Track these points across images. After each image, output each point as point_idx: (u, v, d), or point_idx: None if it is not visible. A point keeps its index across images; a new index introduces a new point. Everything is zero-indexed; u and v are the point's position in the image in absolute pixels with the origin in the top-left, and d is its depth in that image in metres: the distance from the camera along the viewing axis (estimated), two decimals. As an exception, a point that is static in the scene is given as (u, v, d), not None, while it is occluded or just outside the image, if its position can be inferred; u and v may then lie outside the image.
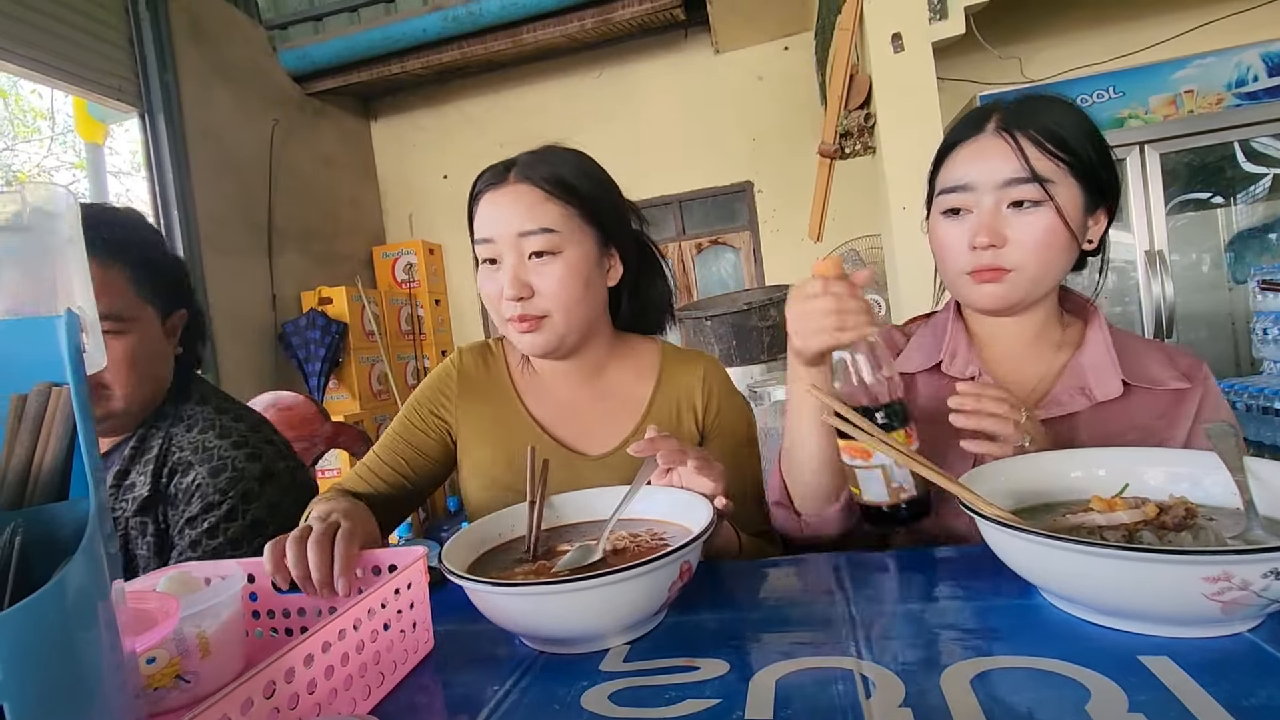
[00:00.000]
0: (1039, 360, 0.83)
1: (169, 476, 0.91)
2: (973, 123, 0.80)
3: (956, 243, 0.79)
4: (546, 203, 0.83)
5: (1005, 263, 0.76)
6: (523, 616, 0.56)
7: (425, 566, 0.59)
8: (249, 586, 0.64)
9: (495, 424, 0.94)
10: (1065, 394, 0.79)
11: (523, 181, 0.84)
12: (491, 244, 0.84)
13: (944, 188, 0.80)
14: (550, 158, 0.87)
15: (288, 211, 3.65)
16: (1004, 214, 0.76)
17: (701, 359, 0.96)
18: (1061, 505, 0.62)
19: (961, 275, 0.79)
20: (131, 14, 2.97)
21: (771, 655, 0.52)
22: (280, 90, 3.76)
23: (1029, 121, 0.76)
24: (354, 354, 3.59)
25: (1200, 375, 0.79)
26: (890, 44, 2.28)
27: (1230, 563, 0.42)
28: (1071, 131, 0.75)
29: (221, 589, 0.56)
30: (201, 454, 0.91)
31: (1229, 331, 3.06)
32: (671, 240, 4.11)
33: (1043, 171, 0.74)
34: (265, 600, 0.65)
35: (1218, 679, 0.42)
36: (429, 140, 4.36)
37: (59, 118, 5.96)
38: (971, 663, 0.47)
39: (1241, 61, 2.70)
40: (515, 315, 0.83)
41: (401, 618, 0.57)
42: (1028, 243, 0.75)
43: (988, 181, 0.76)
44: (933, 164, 0.85)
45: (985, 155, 0.77)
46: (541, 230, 0.82)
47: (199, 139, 3.16)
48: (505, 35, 3.59)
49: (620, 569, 0.52)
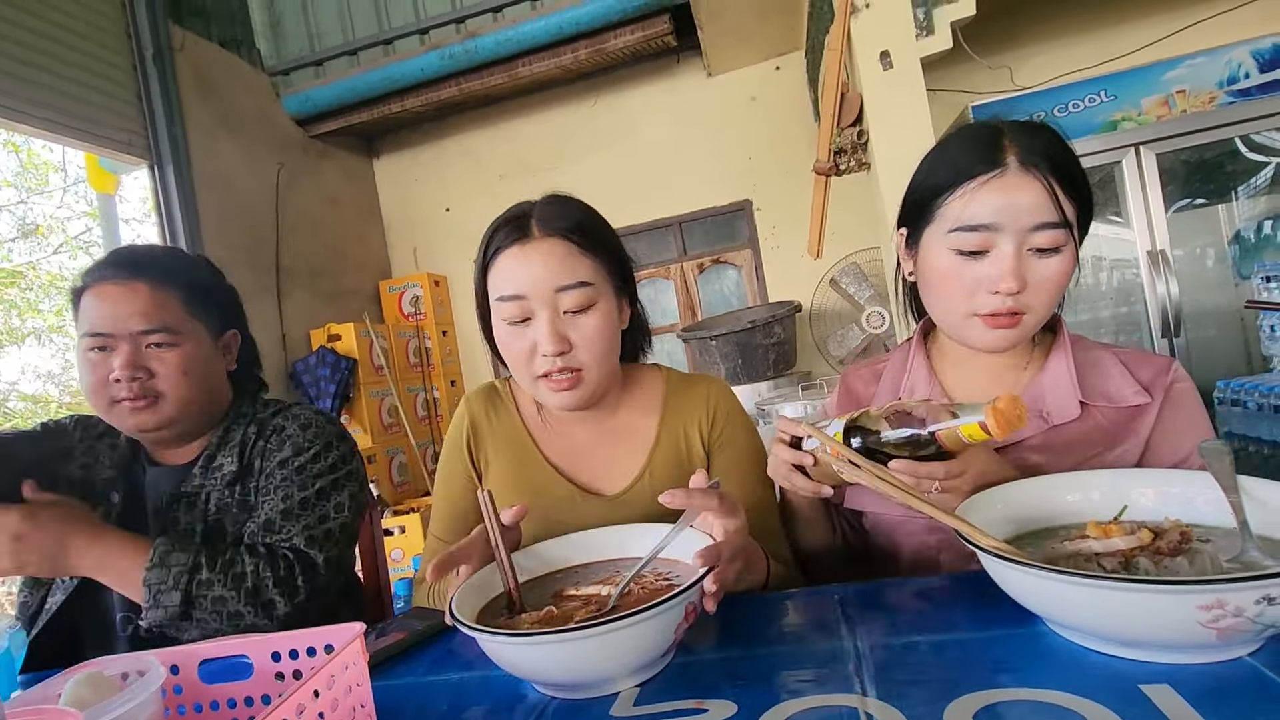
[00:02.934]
0: (1005, 383, 0.83)
1: (261, 441, 1.05)
2: (983, 152, 0.74)
3: (972, 283, 0.74)
4: (581, 256, 0.82)
5: (1021, 306, 0.73)
6: (531, 664, 0.57)
7: (363, 645, 0.55)
8: (172, 679, 0.59)
9: (515, 471, 0.93)
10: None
11: (551, 235, 0.82)
12: (523, 301, 0.81)
13: (964, 224, 0.73)
14: (565, 209, 0.85)
15: (295, 251, 3.71)
16: (1025, 255, 0.72)
17: (705, 381, 0.97)
18: (1060, 529, 0.62)
19: (972, 317, 0.75)
20: (140, 70, 3.05)
21: (778, 694, 0.52)
22: (284, 134, 3.84)
23: (1049, 156, 0.72)
24: (364, 388, 3.62)
25: (1161, 385, 0.77)
26: (879, 62, 2.31)
27: (1223, 591, 0.42)
28: (1078, 168, 0.73)
29: (136, 691, 0.51)
30: (291, 419, 1.07)
31: (1238, 328, 3.04)
32: (673, 261, 4.14)
33: (1069, 214, 0.71)
34: (191, 692, 0.60)
35: (1218, 706, 0.43)
36: (430, 175, 4.44)
37: (70, 169, 6.11)
38: (975, 696, 0.48)
39: (1232, 59, 2.71)
40: (552, 370, 0.81)
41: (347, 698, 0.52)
42: (1045, 287, 0.72)
43: (1015, 224, 0.71)
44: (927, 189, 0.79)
45: (1013, 193, 0.71)
46: (579, 284, 0.81)
47: (207, 186, 3.23)
48: (501, 70, 3.66)
49: (624, 615, 0.53)
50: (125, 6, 3.04)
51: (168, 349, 0.97)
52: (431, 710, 0.60)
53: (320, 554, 0.98)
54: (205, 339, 1.03)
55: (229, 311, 1.10)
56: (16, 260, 6.19)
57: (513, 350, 0.84)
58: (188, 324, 1.00)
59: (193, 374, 0.99)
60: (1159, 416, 0.76)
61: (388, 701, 0.62)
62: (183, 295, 1.01)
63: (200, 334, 1.02)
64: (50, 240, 6.32)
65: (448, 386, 4.20)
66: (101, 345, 0.95)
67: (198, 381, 1.00)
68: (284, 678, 0.59)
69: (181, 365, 0.98)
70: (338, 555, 1.02)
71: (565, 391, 0.83)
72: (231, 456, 1.03)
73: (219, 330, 1.07)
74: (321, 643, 0.58)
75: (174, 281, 1.01)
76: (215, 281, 1.10)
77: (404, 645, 0.74)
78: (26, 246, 6.25)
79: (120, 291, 0.96)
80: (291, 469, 1.01)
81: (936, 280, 0.78)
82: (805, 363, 3.61)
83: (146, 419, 0.97)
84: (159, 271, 1.00)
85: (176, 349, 0.98)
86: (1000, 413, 0.57)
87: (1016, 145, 0.73)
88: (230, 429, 1.06)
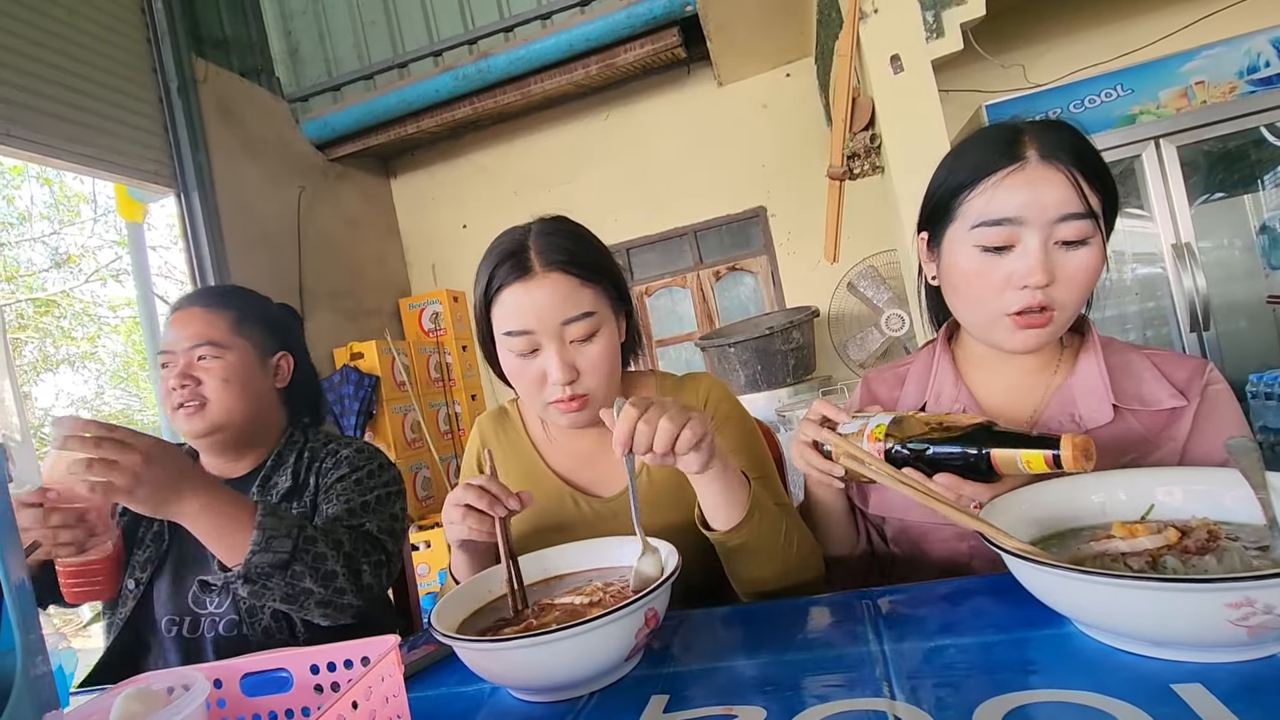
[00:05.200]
0: (1033, 386, 0.81)
1: (315, 463, 1.15)
2: (1002, 147, 0.74)
3: (1000, 281, 0.73)
4: (582, 287, 0.85)
5: (1051, 301, 0.72)
6: (501, 670, 0.60)
7: (399, 656, 0.56)
8: (216, 692, 0.61)
9: (522, 483, 0.98)
10: (1053, 421, 0.77)
11: (553, 269, 0.84)
12: (530, 335, 0.84)
13: (987, 219, 0.72)
14: (563, 238, 0.87)
15: (317, 273, 3.78)
16: (1052, 249, 0.71)
17: (694, 378, 1.02)
18: (1086, 530, 0.62)
19: (1001, 317, 0.74)
20: (165, 102, 3.15)
21: (806, 699, 0.53)
22: (304, 158, 3.93)
23: (1067, 150, 0.71)
24: (387, 405, 3.67)
25: (1196, 387, 0.76)
26: (889, 66, 2.31)
27: (1252, 588, 0.42)
28: (1100, 161, 0.72)
29: (183, 704, 0.52)
30: (344, 445, 1.18)
31: (1269, 320, 2.97)
32: (689, 270, 4.15)
33: (1094, 206, 0.70)
34: (234, 705, 0.61)
35: (1250, 705, 0.42)
36: (447, 193, 4.50)
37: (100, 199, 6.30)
38: (1004, 699, 0.48)
39: (1251, 48, 2.67)
40: (564, 397, 0.85)
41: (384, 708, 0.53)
42: (1075, 281, 0.71)
43: (1041, 216, 0.70)
44: (947, 189, 0.78)
45: (1037, 186, 0.70)
46: (583, 315, 0.84)
47: (231, 212, 3.31)
48: (514, 88, 3.71)
49: (583, 621, 0.56)
50: (150, 42, 3.14)
51: (212, 360, 1.10)
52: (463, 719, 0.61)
53: (393, 545, 1.07)
54: (250, 354, 1.14)
55: (280, 334, 1.22)
56: (51, 289, 6.37)
57: (523, 380, 0.88)
58: (232, 340, 1.12)
59: (234, 382, 1.10)
60: (1195, 421, 0.74)
61: (421, 712, 0.63)
62: (233, 316, 1.14)
63: (245, 349, 1.14)
64: (82, 269, 6.50)
65: (468, 401, 4.24)
66: (165, 362, 1.11)
67: (240, 390, 1.11)
68: (322, 690, 0.61)
69: (223, 374, 1.10)
70: (399, 555, 1.11)
71: (574, 413, 0.87)
72: (286, 475, 1.13)
73: (269, 349, 1.18)
74: (359, 655, 0.60)
75: (225, 306, 1.15)
76: (267, 307, 1.23)
77: (435, 657, 0.75)
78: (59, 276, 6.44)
79: (181, 317, 1.13)
80: (350, 481, 1.12)
81: (962, 280, 0.77)
82: (825, 368, 3.59)
83: (197, 423, 1.09)
84: (214, 299, 1.16)
85: (220, 360, 1.10)
86: (1078, 448, 0.57)
87: (1036, 140, 0.73)
88: (284, 453, 1.16)
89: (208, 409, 1.09)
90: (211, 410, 1.09)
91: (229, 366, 1.11)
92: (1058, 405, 0.78)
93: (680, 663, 0.64)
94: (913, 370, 0.90)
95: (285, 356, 1.21)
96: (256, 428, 1.16)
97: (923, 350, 0.92)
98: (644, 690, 0.60)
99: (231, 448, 1.15)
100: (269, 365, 1.18)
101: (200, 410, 1.08)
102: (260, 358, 1.16)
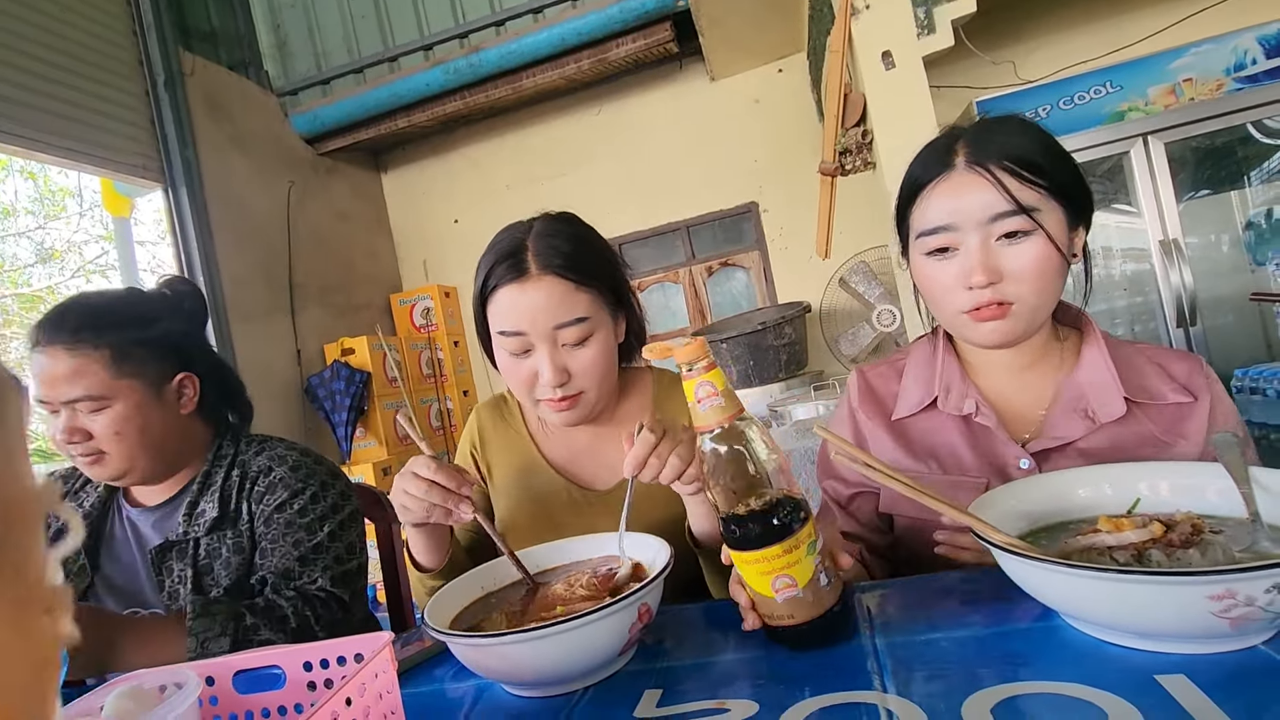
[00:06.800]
0: (1038, 384, 0.82)
1: (249, 485, 1.05)
2: (936, 158, 0.77)
3: (950, 282, 0.76)
4: (577, 292, 0.85)
5: (1004, 296, 0.73)
6: (495, 665, 0.60)
7: (392, 653, 0.57)
8: (208, 689, 0.61)
9: (518, 474, 0.99)
10: (1064, 418, 0.77)
11: (548, 273, 0.84)
12: (523, 337, 0.85)
13: (924, 229, 0.77)
14: (562, 241, 0.87)
15: (307, 268, 3.76)
16: (993, 248, 0.73)
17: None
18: (1073, 524, 0.63)
19: (960, 315, 0.77)
20: (152, 96, 3.12)
21: (798, 693, 0.53)
22: (294, 153, 3.89)
23: (998, 150, 0.73)
24: (378, 401, 3.66)
25: (1202, 384, 0.76)
26: (881, 62, 2.31)
27: (1233, 580, 0.43)
28: (1041, 154, 0.73)
29: (176, 702, 0.52)
30: (277, 460, 1.06)
31: (1255, 315, 3.00)
32: (682, 265, 4.15)
33: (1027, 201, 0.72)
34: (226, 702, 0.61)
35: (1232, 696, 0.43)
36: (438, 187, 4.48)
37: (86, 194, 6.23)
38: (992, 691, 0.49)
39: (1239, 46, 2.69)
40: (555, 397, 0.86)
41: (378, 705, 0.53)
42: (1024, 274, 0.73)
43: (971, 218, 0.73)
44: (899, 203, 0.83)
45: (962, 192, 0.74)
46: (576, 321, 0.85)
47: (220, 207, 3.28)
48: (505, 82, 3.69)
49: (572, 617, 0.56)
50: (137, 35, 3.11)
51: (96, 413, 0.96)
52: (458, 714, 0.62)
53: (347, 593, 1.02)
54: (141, 393, 0.99)
55: (175, 355, 1.04)
56: (36, 285, 6.31)
57: (516, 377, 0.88)
58: (113, 386, 0.96)
59: (127, 432, 0.97)
60: (1211, 419, 0.75)
61: (414, 708, 0.63)
62: (109, 354, 0.97)
63: (133, 390, 0.98)
64: (68, 264, 6.43)
65: (460, 397, 4.24)
66: (46, 410, 0.97)
67: (137, 437, 0.98)
68: (315, 687, 0.61)
69: (113, 426, 0.96)
70: (358, 592, 1.06)
71: (565, 412, 0.88)
72: (213, 502, 1.03)
73: (164, 377, 1.02)
74: (352, 652, 0.60)
75: (96, 341, 0.96)
76: (152, 329, 1.02)
77: (429, 654, 0.75)
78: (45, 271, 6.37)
79: (45, 359, 0.95)
80: (294, 512, 1.02)
81: (926, 287, 0.81)
82: (817, 363, 3.60)
83: (99, 472, 0.99)
84: (81, 334, 0.96)
85: (104, 412, 0.96)
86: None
87: (968, 146, 0.76)
88: (211, 472, 1.06)
89: (107, 461, 0.97)
90: (111, 462, 0.97)
91: (117, 418, 0.96)
92: (1067, 401, 0.78)
93: (673, 657, 0.65)
94: (910, 365, 0.90)
95: (187, 379, 1.04)
96: (171, 458, 1.04)
97: (917, 345, 0.92)
98: (638, 684, 0.60)
99: (149, 480, 1.05)
100: (167, 395, 1.02)
101: (99, 461, 0.97)
102: (154, 393, 1.00)
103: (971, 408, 0.81)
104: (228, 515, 1.03)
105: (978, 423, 0.81)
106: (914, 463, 0.84)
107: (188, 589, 0.99)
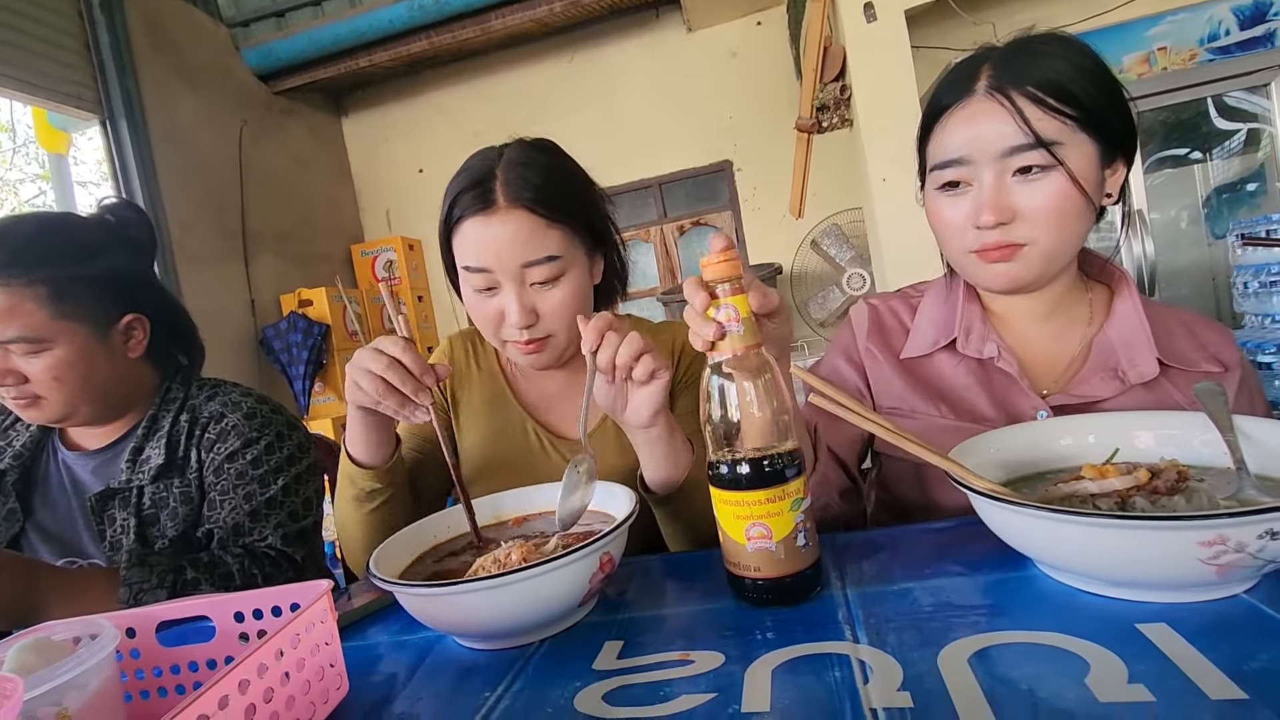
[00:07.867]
0: (1062, 336, 0.77)
1: (199, 432, 0.97)
2: (960, 80, 0.70)
3: (959, 220, 0.71)
4: (548, 228, 0.79)
5: (1016, 238, 0.68)
6: (448, 616, 0.56)
7: (330, 603, 0.52)
8: (129, 642, 0.56)
9: (488, 410, 0.95)
10: (1095, 376, 0.72)
11: (517, 206, 0.78)
12: (488, 274, 0.79)
13: (937, 162, 0.72)
14: (534, 172, 0.80)
15: (261, 214, 3.58)
16: (1008, 184, 0.68)
17: (670, 328, 0.98)
18: (1053, 474, 0.61)
19: (967, 255, 0.72)
20: (86, 18, 2.88)
21: (766, 644, 0.51)
22: (246, 90, 3.67)
23: (1024, 75, 0.66)
24: (338, 355, 3.54)
25: (1234, 357, 0.73)
26: (863, 14, 2.25)
27: (1225, 525, 0.41)
28: (1075, 79, 0.65)
29: (86, 655, 0.47)
30: (230, 406, 0.99)
31: (1210, 287, 3.09)
32: (653, 224, 4.08)
33: (1047, 134, 0.65)
34: (149, 656, 0.56)
35: (1216, 644, 0.42)
36: (402, 134, 4.30)
37: (20, 129, 5.83)
38: (969, 640, 0.47)
39: (1214, 16, 2.70)
40: (521, 340, 0.81)
41: (315, 657, 0.50)
42: (1039, 214, 0.67)
43: (986, 152, 0.68)
44: (920, 130, 0.77)
45: (978, 121, 0.68)
46: (546, 259, 0.79)
47: (164, 144, 3.08)
48: (473, 23, 3.52)
49: (532, 565, 0.53)
50: (67, -51, 2.86)
51: (33, 355, 0.87)
52: (405, 668, 0.58)
53: (299, 553, 0.96)
54: (84, 336, 0.90)
55: (122, 293, 0.95)
56: (-33, 225, 5.92)
57: (481, 315, 0.83)
58: (52, 327, 0.87)
59: (67, 379, 0.89)
60: (1240, 392, 0.71)
61: (361, 662, 0.60)
62: (45, 291, 0.87)
63: (75, 334, 0.89)
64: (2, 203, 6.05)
65: (425, 353, 4.13)
66: None
67: (79, 383, 0.90)
68: (249, 638, 0.56)
69: (51, 371, 0.88)
70: (314, 551, 1.01)
71: (532, 355, 0.83)
72: (159, 448, 0.95)
73: (110, 318, 0.94)
74: (287, 601, 0.55)
75: (33, 276, 0.86)
76: (95, 263, 0.93)
77: (378, 605, 0.71)
78: (-24, 211, 5.98)
79: None
80: (246, 462, 0.95)
81: (936, 224, 0.76)
82: (785, 326, 3.60)
83: (35, 415, 0.92)
84: (16, 266, 0.86)
85: (42, 355, 0.87)
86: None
87: (992, 69, 0.69)
88: (158, 416, 0.98)
89: (44, 405, 0.90)
90: (50, 406, 0.90)
91: (56, 363, 0.88)
92: (1098, 358, 0.73)
93: (636, 608, 0.62)
94: (925, 303, 0.85)
95: (136, 320, 0.96)
96: (116, 400, 0.96)
97: (934, 284, 0.86)
98: (597, 636, 0.57)
99: (92, 422, 0.97)
100: (113, 338, 0.94)
101: (35, 404, 0.90)
102: (99, 336, 0.92)
103: (993, 351, 0.76)
104: (175, 463, 0.96)
105: (998, 369, 0.76)
106: (923, 403, 0.79)
107: (130, 540, 0.93)
